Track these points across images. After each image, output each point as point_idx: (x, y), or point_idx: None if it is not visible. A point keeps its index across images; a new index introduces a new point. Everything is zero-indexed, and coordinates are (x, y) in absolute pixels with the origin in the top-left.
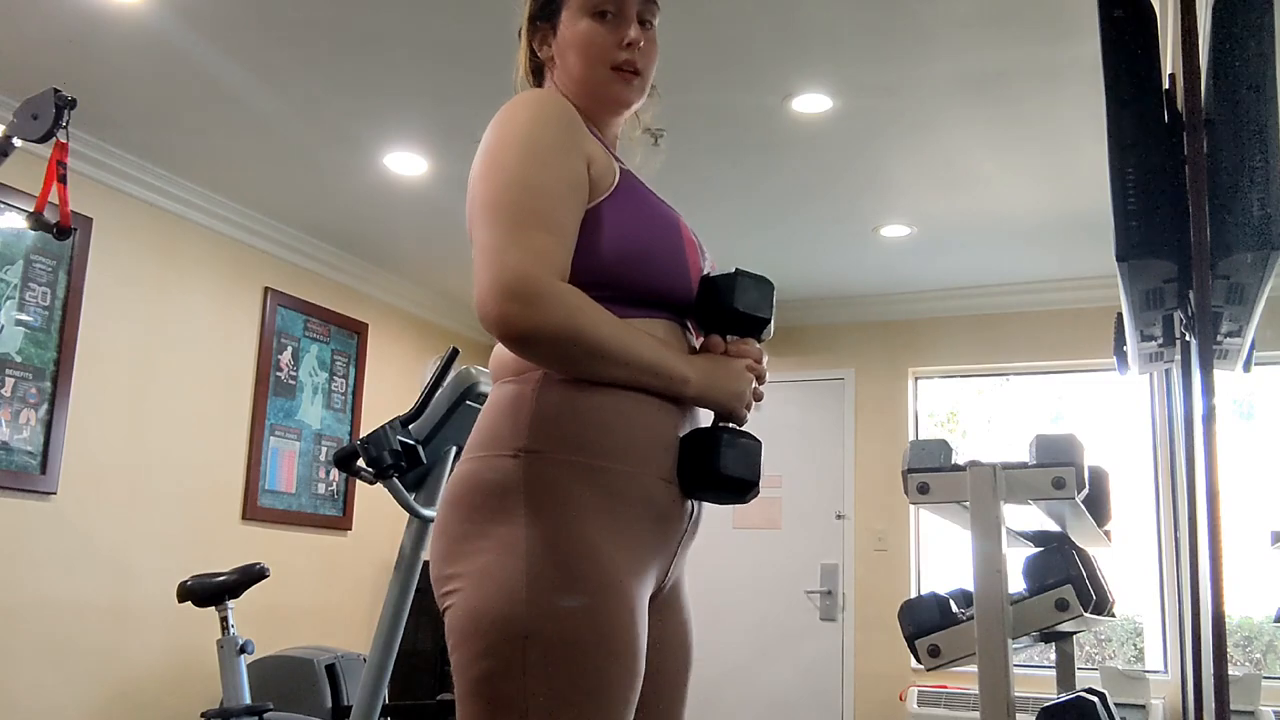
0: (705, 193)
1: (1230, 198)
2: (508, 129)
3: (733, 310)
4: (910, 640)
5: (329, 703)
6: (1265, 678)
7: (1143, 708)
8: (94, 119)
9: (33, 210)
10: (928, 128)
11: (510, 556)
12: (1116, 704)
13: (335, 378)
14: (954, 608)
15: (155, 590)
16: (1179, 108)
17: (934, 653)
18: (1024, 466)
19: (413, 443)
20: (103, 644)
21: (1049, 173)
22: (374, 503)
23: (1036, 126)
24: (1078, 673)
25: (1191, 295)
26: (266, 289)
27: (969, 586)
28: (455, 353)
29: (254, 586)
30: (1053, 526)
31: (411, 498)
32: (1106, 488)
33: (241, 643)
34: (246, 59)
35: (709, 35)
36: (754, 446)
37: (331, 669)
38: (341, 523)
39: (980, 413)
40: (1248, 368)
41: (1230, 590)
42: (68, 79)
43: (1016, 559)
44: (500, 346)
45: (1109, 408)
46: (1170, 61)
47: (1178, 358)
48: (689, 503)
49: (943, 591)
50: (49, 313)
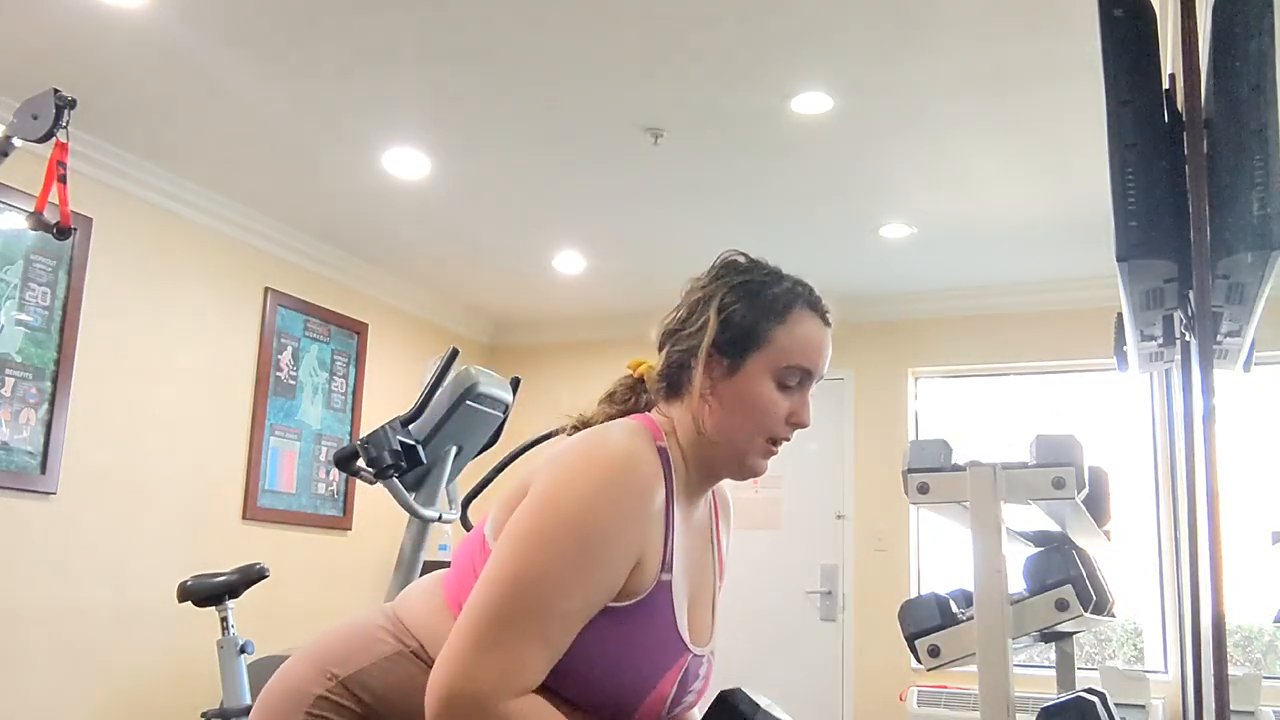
0: (705, 193)
1: (1230, 198)
2: (571, 497)
3: None
4: (910, 640)
5: None
6: (1265, 678)
7: (1143, 708)
8: (94, 119)
9: (33, 210)
10: (928, 128)
11: None
12: (1116, 704)
13: (335, 378)
14: (954, 608)
15: (155, 590)
16: (1179, 108)
17: (934, 653)
18: (1024, 466)
19: (413, 443)
20: (103, 644)
21: (1049, 173)
22: (374, 503)
23: (1036, 126)
24: (1078, 673)
25: (1191, 295)
26: (266, 289)
27: (969, 586)
28: (455, 353)
29: (254, 586)
30: (1053, 526)
31: (411, 498)
32: (1106, 488)
33: (241, 643)
34: (247, 59)
35: (709, 35)
36: None
37: None
38: (341, 523)
39: (980, 413)
40: (1248, 368)
41: (1230, 590)
42: (68, 79)
43: (1016, 559)
44: (419, 592)
45: (1109, 408)
46: (1170, 61)
47: (1178, 358)
48: None
49: (943, 591)
50: (49, 313)
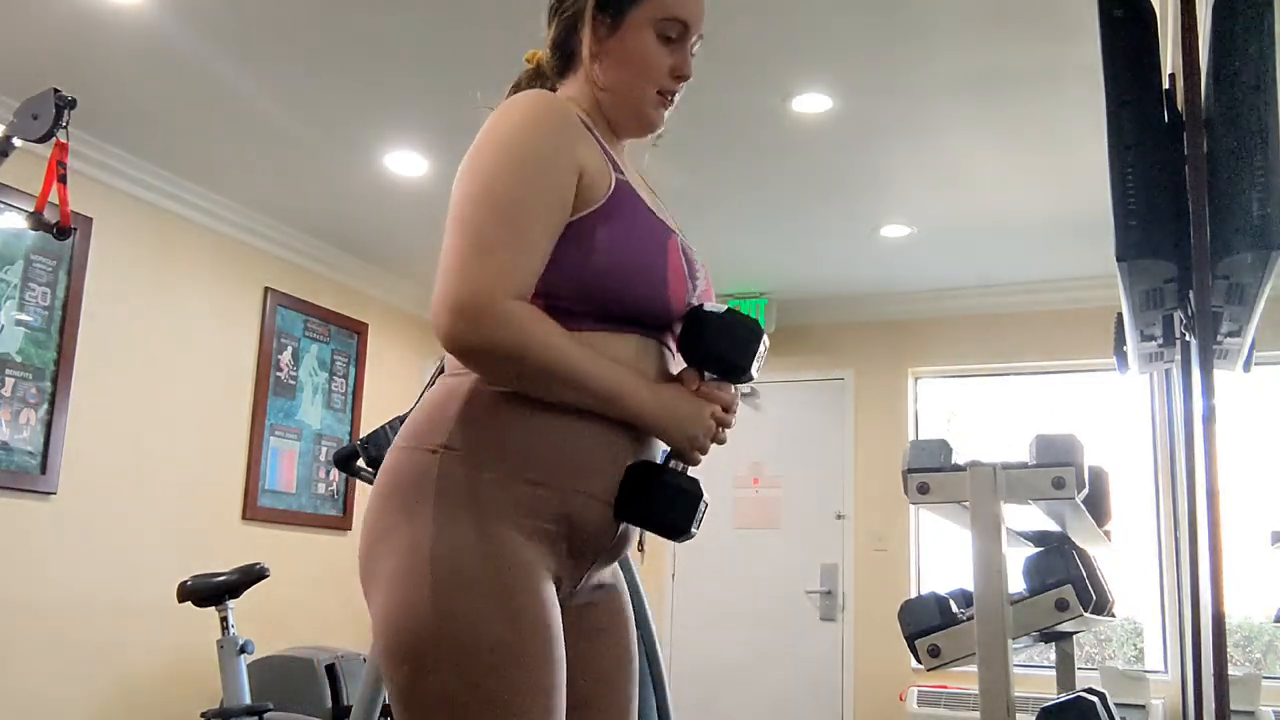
0: (705, 193)
1: (1230, 198)
2: (497, 133)
3: (711, 351)
4: (910, 640)
5: (329, 703)
6: (1265, 678)
7: (1143, 708)
8: (94, 119)
9: (33, 210)
10: (928, 128)
11: (416, 558)
12: (1116, 704)
13: (335, 378)
14: (954, 608)
15: (155, 590)
16: (1179, 108)
17: (934, 653)
18: (1024, 466)
19: None
20: (103, 644)
21: (1049, 173)
22: None
23: (1036, 126)
24: (1078, 673)
25: (1191, 295)
26: (266, 289)
27: (969, 586)
28: None
29: (254, 586)
30: (1053, 526)
31: None
32: (1106, 488)
33: (241, 643)
34: (247, 59)
35: (709, 35)
36: (693, 494)
37: (331, 669)
38: (341, 523)
39: (980, 413)
40: (1248, 368)
41: (1230, 590)
42: (68, 79)
43: (1016, 559)
44: None
45: (1109, 408)
46: (1170, 61)
47: (1178, 358)
48: (616, 523)
49: (943, 591)
50: (49, 313)
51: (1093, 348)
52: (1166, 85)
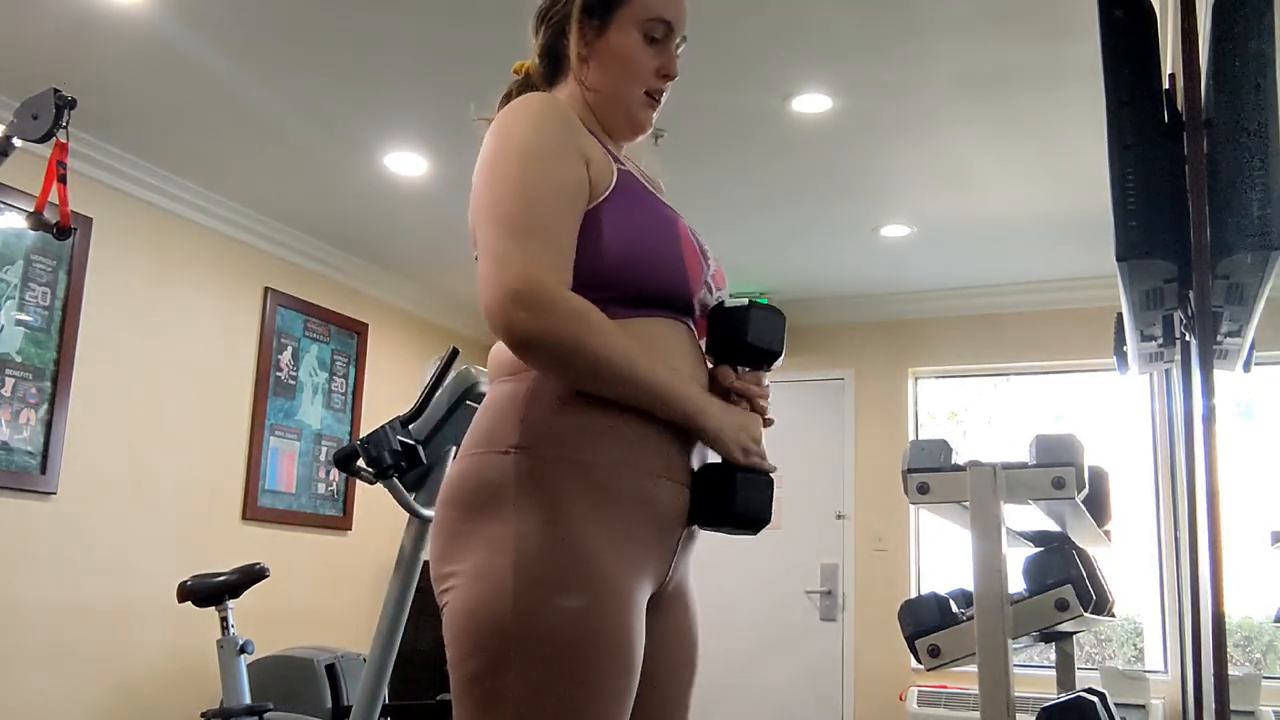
0: (705, 193)
1: (1230, 198)
2: (507, 137)
3: (745, 344)
4: (910, 640)
5: (329, 703)
6: (1265, 678)
7: (1143, 708)
8: (94, 119)
9: (33, 210)
10: (928, 128)
11: (500, 554)
12: (1116, 704)
13: (335, 378)
14: (954, 608)
15: (155, 590)
16: (1179, 108)
17: (934, 653)
18: (1024, 466)
19: (413, 443)
20: (103, 644)
21: (1049, 173)
22: (374, 503)
23: (1036, 126)
24: (1078, 673)
25: (1191, 295)
26: (266, 289)
27: (969, 586)
28: (455, 353)
29: (254, 586)
30: (1053, 526)
31: (411, 498)
32: (1106, 488)
33: (241, 643)
34: (246, 59)
35: (709, 35)
36: (769, 484)
37: (331, 669)
38: (341, 523)
39: (980, 413)
40: (1248, 368)
41: (1230, 590)
42: (68, 79)
43: (1016, 559)
44: (499, 345)
45: (1109, 408)
46: (1170, 61)
47: (1178, 358)
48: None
49: (943, 591)
50: (49, 313)
51: (1093, 348)
52: (1166, 85)
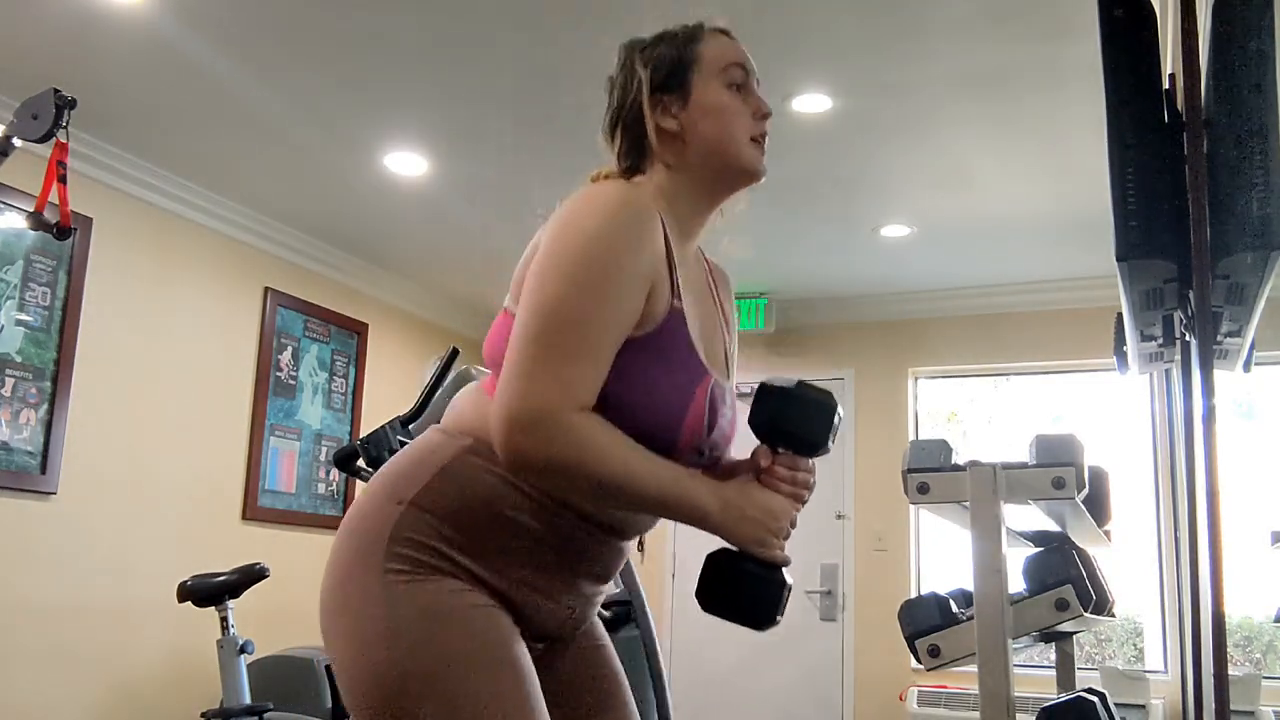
0: None
1: (1230, 198)
2: (576, 237)
3: (784, 429)
4: (910, 640)
5: (329, 703)
6: (1265, 678)
7: (1143, 708)
8: (94, 119)
9: (33, 210)
10: (928, 128)
11: (368, 617)
12: (1116, 704)
13: (335, 378)
14: (954, 608)
15: (155, 590)
16: (1179, 108)
17: (934, 653)
18: (1024, 466)
19: None
20: (103, 644)
21: (1049, 173)
22: None
23: (1036, 126)
24: (1078, 673)
25: (1191, 295)
26: (266, 289)
27: (969, 586)
28: (455, 352)
29: (254, 586)
30: (1053, 526)
31: None
32: (1106, 488)
33: (241, 643)
34: (246, 59)
35: None
36: (779, 583)
37: (331, 669)
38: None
39: (980, 413)
40: (1248, 368)
41: (1230, 590)
42: (68, 79)
43: (1016, 559)
44: (470, 393)
45: (1109, 408)
46: (1170, 61)
47: (1178, 358)
48: (574, 611)
49: (943, 591)
50: (49, 313)
51: (1093, 348)
52: (1166, 85)
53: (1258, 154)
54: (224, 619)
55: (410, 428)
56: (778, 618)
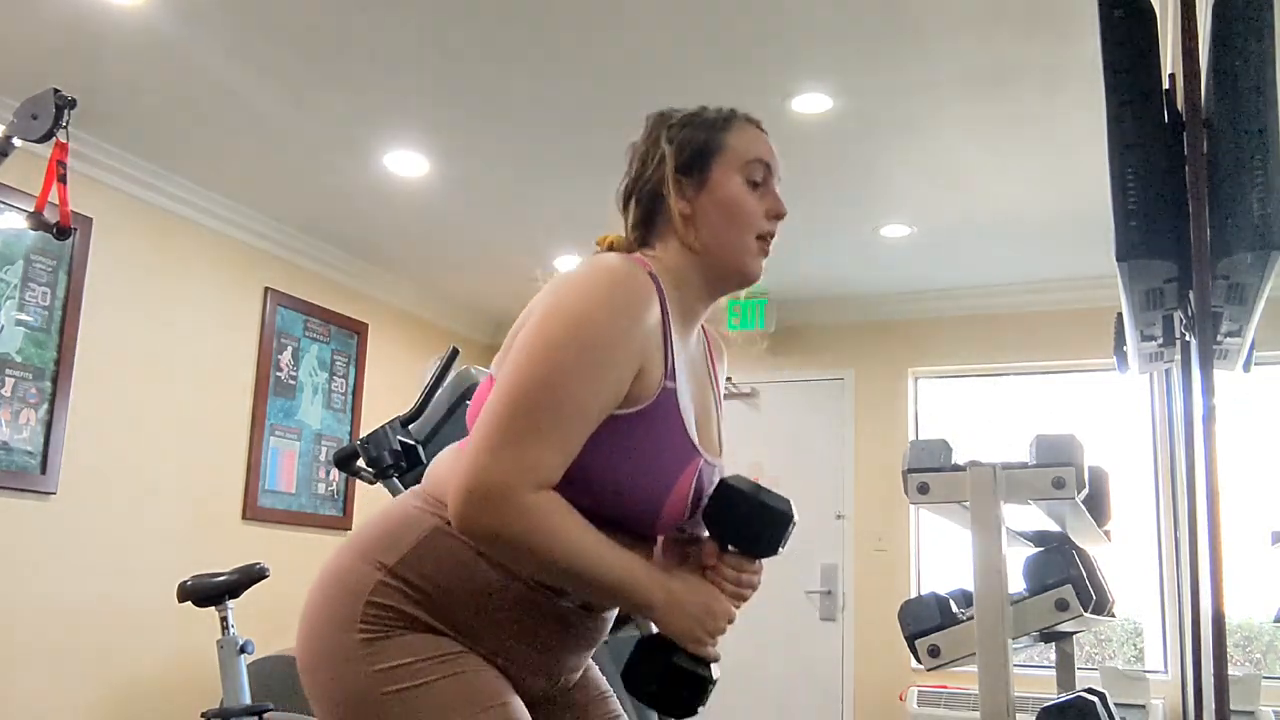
0: None
1: (1230, 198)
2: (574, 307)
3: (738, 529)
4: (910, 640)
5: None
6: (1265, 678)
7: (1143, 708)
8: (94, 119)
9: (33, 210)
10: (928, 128)
11: (344, 676)
12: (1116, 704)
13: (335, 378)
14: (954, 608)
15: (155, 590)
16: (1179, 108)
17: (934, 653)
18: (1024, 466)
19: (412, 443)
20: (102, 644)
21: (1049, 173)
22: (374, 503)
23: (1036, 126)
24: (1078, 673)
25: (1191, 295)
26: (266, 289)
27: (969, 586)
28: (455, 353)
29: (254, 586)
30: (1053, 526)
31: None
32: (1106, 488)
33: (241, 643)
34: (247, 59)
35: (709, 35)
36: (703, 678)
37: None
38: (341, 523)
39: (980, 412)
40: (1248, 368)
41: (1230, 590)
42: (68, 79)
43: (1016, 559)
44: (442, 461)
45: (1109, 408)
46: (1170, 61)
47: (1178, 358)
48: (559, 679)
49: (943, 591)
50: (49, 313)
51: (1093, 348)
52: (1166, 85)
53: (1258, 154)
54: (224, 619)
55: (410, 428)
56: (698, 710)
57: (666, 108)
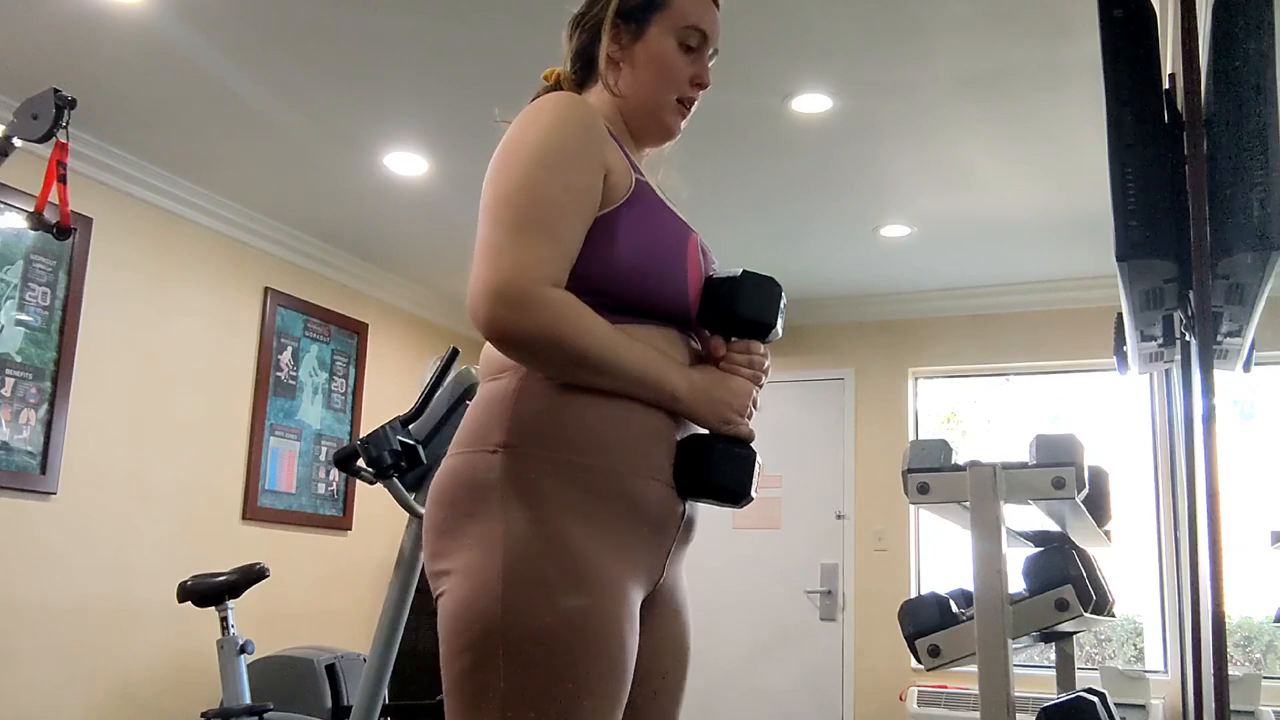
0: (705, 193)
1: (1230, 198)
2: (527, 131)
3: (734, 315)
4: (910, 640)
5: (329, 703)
6: (1265, 678)
7: (1143, 708)
8: (94, 119)
9: (33, 210)
10: (928, 128)
11: (488, 554)
12: (1116, 704)
13: (335, 378)
14: (954, 608)
15: (155, 590)
16: (1179, 108)
17: (934, 653)
18: (1024, 466)
19: (413, 443)
20: (103, 644)
21: (1049, 173)
22: (374, 503)
23: (1036, 126)
24: (1078, 673)
25: (1191, 295)
26: (266, 289)
27: (969, 586)
28: (455, 353)
29: (254, 586)
30: (1053, 526)
31: (411, 498)
32: (1106, 488)
33: (241, 643)
34: (247, 59)
35: None
36: (748, 457)
37: (331, 669)
38: (341, 523)
39: (980, 413)
40: (1248, 368)
41: (1230, 590)
42: (68, 79)
43: (1016, 559)
44: (489, 345)
45: (1109, 408)
46: (1170, 61)
47: (1178, 358)
48: (681, 502)
49: (943, 591)
50: (49, 313)
51: (1093, 348)
52: (1166, 85)
53: (1258, 154)
54: (224, 619)
55: (410, 428)
56: (752, 491)
57: None
